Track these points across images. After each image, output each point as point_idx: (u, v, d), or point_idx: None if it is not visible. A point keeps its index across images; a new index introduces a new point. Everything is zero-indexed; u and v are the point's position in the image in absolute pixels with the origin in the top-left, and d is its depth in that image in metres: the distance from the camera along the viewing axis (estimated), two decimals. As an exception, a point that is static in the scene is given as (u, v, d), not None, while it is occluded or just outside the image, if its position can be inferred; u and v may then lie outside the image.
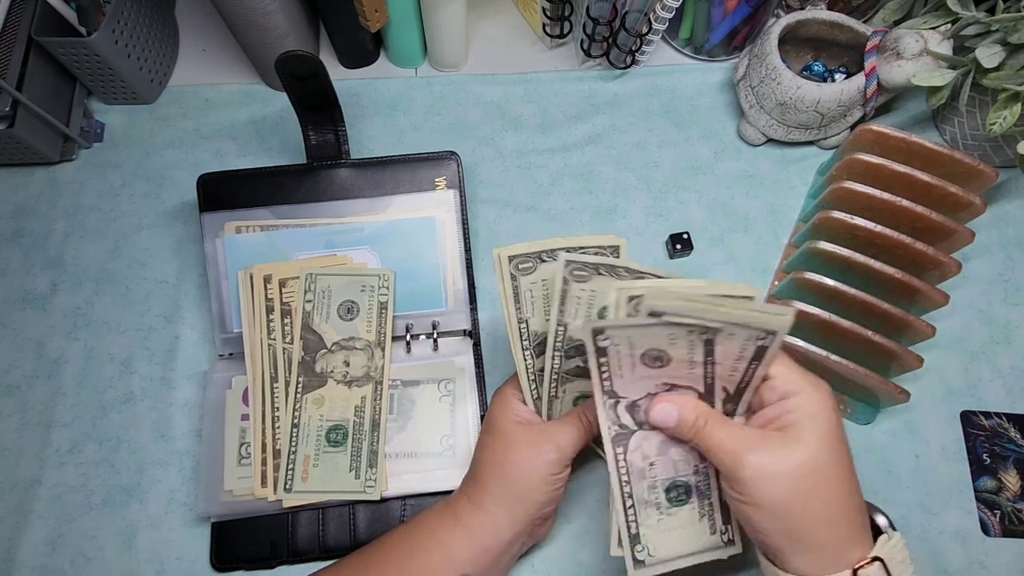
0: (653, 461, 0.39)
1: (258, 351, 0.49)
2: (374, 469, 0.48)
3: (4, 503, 0.49)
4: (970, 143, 0.58)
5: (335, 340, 0.49)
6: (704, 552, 0.40)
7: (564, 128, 0.62)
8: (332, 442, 0.48)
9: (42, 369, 0.52)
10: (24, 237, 0.56)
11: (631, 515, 0.38)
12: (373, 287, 0.50)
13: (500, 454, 0.41)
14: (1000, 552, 0.49)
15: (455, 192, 0.53)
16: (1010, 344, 0.55)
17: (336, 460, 0.48)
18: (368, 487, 0.47)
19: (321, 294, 0.49)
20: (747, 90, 0.59)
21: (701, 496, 0.40)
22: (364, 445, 0.48)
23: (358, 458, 0.48)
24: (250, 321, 0.49)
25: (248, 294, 0.50)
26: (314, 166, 0.53)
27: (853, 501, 0.33)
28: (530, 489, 0.41)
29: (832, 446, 0.33)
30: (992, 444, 0.52)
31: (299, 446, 0.48)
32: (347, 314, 0.49)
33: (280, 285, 0.50)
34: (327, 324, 0.49)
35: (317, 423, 0.48)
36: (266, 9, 0.52)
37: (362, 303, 0.49)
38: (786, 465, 0.32)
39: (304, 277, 0.49)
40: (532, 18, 0.64)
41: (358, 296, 0.49)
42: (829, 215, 0.50)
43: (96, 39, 0.52)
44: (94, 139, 0.60)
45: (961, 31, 0.51)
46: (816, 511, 0.32)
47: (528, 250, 0.42)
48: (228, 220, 0.52)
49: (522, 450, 0.41)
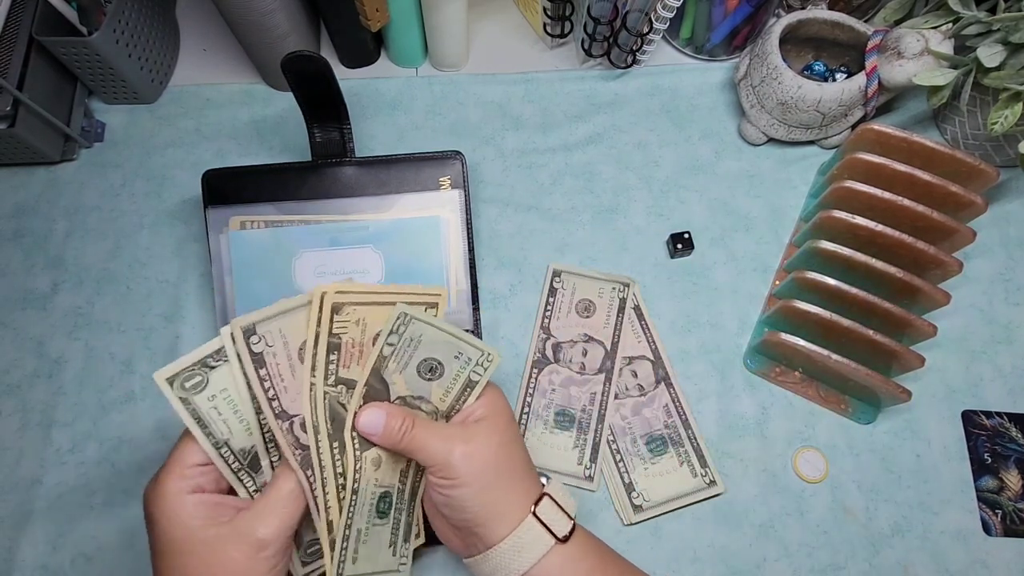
0: None
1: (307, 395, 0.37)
2: (408, 544, 0.42)
3: (4, 503, 0.49)
4: (971, 142, 0.58)
5: (401, 395, 0.40)
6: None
7: (565, 128, 0.62)
8: (380, 512, 0.40)
9: (43, 369, 0.52)
10: (25, 237, 0.56)
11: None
12: (470, 360, 0.40)
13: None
14: (1001, 552, 0.49)
15: (460, 192, 0.53)
16: (1011, 343, 0.55)
17: (380, 535, 0.40)
18: (402, 565, 0.41)
19: (408, 341, 0.39)
20: (748, 90, 0.59)
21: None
22: (403, 516, 0.41)
23: (397, 531, 0.41)
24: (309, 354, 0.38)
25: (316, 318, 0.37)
26: (319, 164, 0.53)
27: (527, 467, 0.41)
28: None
29: (510, 428, 0.41)
30: (993, 444, 0.52)
31: (355, 518, 0.38)
32: (428, 373, 0.40)
33: (333, 311, 0.38)
34: (400, 375, 0.40)
35: (372, 489, 0.39)
36: (267, 9, 0.52)
37: (449, 369, 0.40)
38: (483, 446, 0.39)
39: (397, 314, 0.38)
40: (533, 18, 0.64)
41: (449, 360, 0.40)
42: (830, 214, 0.50)
43: (97, 39, 0.52)
44: (95, 139, 0.60)
45: (962, 30, 0.51)
46: (505, 478, 0.39)
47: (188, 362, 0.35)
48: (233, 215, 0.52)
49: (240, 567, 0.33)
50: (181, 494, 0.34)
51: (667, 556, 0.48)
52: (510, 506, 0.39)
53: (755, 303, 0.56)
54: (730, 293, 0.56)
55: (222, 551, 0.33)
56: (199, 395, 0.35)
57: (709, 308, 0.56)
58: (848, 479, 0.51)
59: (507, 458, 0.39)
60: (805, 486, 0.50)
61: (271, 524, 0.34)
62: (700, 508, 0.50)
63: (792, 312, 0.49)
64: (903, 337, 0.50)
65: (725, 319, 0.55)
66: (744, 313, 0.56)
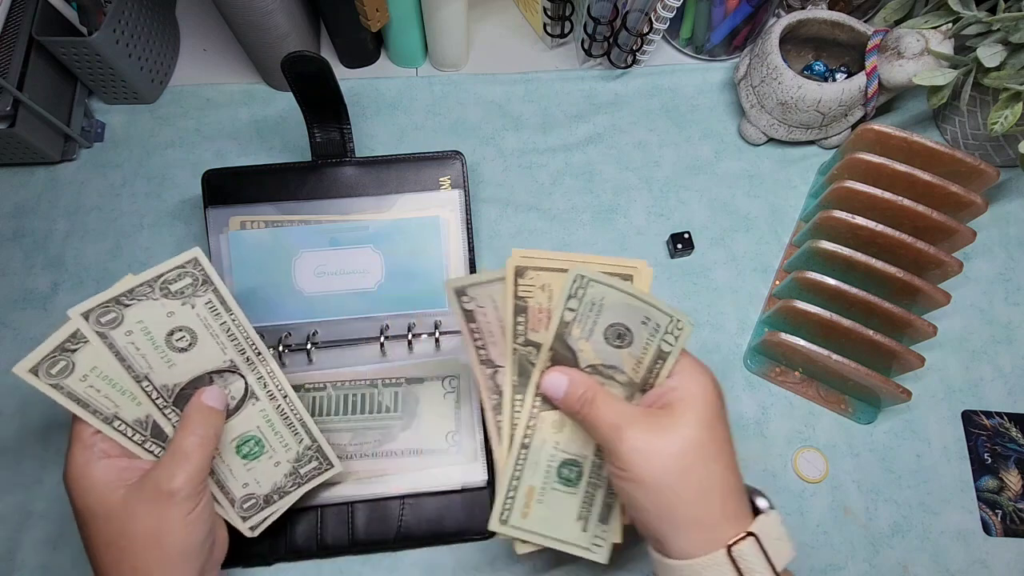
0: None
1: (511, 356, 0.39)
2: (606, 526, 0.40)
3: (5, 503, 0.49)
4: (971, 142, 0.58)
5: (592, 363, 0.38)
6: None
7: (565, 128, 0.62)
8: (564, 479, 0.40)
9: (43, 369, 0.52)
10: (25, 237, 0.56)
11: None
12: (659, 327, 0.36)
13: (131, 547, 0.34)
14: (1001, 552, 0.49)
15: (460, 192, 0.53)
16: (1011, 343, 0.55)
17: (564, 503, 0.40)
18: (596, 545, 0.40)
19: (590, 305, 0.37)
20: (748, 90, 0.59)
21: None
22: (599, 493, 0.40)
23: (589, 506, 0.40)
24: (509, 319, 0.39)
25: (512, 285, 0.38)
26: (319, 164, 0.53)
27: (729, 480, 0.33)
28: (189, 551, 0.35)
29: (711, 426, 0.33)
30: (993, 444, 0.52)
31: (524, 472, 0.39)
32: (616, 339, 0.37)
33: (516, 275, 0.38)
34: (586, 343, 0.38)
35: (551, 451, 0.39)
36: (267, 9, 0.52)
37: (639, 336, 0.37)
38: (665, 441, 0.33)
39: (573, 278, 0.36)
40: (533, 18, 0.64)
41: (637, 326, 0.37)
42: (830, 214, 0.50)
43: (97, 39, 0.52)
44: (95, 139, 0.60)
45: (962, 30, 0.51)
46: (691, 487, 0.32)
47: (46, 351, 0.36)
48: (233, 215, 0.52)
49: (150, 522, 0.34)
50: (89, 463, 0.35)
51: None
52: (698, 525, 0.32)
53: (755, 303, 0.56)
54: (730, 293, 0.56)
55: (133, 508, 0.34)
56: (69, 378, 0.36)
57: (709, 308, 0.56)
58: (848, 479, 0.51)
59: (700, 461, 0.33)
60: (805, 486, 0.50)
61: (177, 475, 0.35)
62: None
63: (792, 312, 0.49)
64: (903, 337, 0.50)
65: (725, 319, 0.55)
66: (744, 313, 0.56)
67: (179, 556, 0.35)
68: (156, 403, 0.39)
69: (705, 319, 0.55)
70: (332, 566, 0.48)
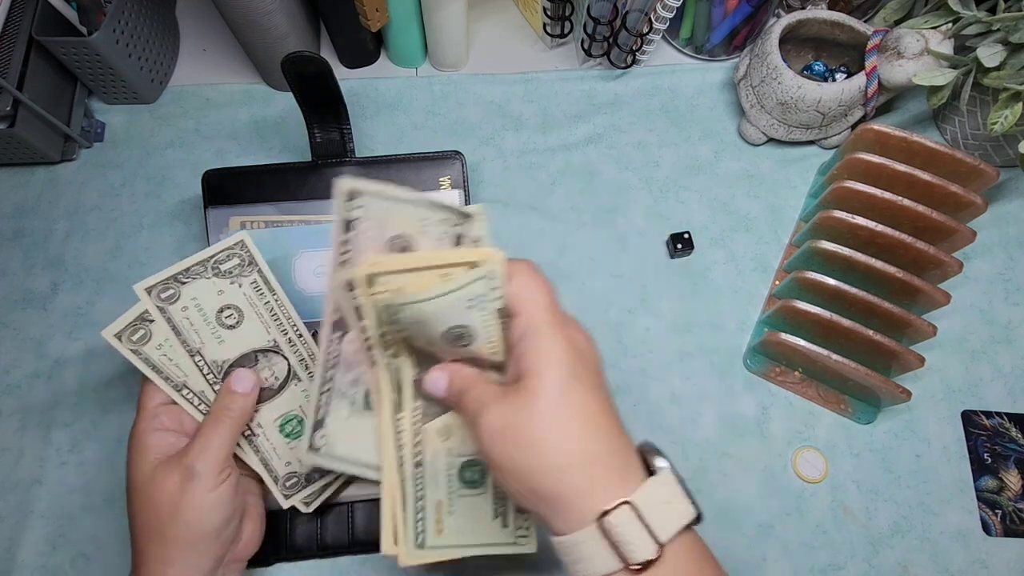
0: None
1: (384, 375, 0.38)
2: (527, 517, 0.38)
3: (5, 503, 0.49)
4: (971, 142, 0.58)
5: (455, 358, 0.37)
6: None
7: (565, 128, 0.62)
8: (468, 482, 0.38)
9: (43, 369, 0.52)
10: (25, 237, 0.56)
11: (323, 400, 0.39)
12: (482, 296, 0.32)
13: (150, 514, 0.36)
14: (1001, 552, 0.49)
15: (460, 192, 0.53)
16: (1011, 343, 0.55)
17: (475, 505, 0.38)
18: (521, 537, 0.39)
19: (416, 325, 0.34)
20: (748, 90, 0.59)
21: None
22: None
23: (503, 501, 0.39)
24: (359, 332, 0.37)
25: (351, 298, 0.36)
26: (319, 164, 0.53)
27: (599, 445, 0.29)
28: (206, 530, 0.36)
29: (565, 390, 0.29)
30: (993, 444, 0.52)
31: (427, 489, 0.38)
32: (458, 340, 0.34)
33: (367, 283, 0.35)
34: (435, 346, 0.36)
35: (445, 459, 0.38)
36: (267, 9, 0.52)
37: (475, 323, 0.33)
38: (516, 418, 0.29)
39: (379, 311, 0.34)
40: (533, 18, 0.64)
41: (466, 317, 0.33)
42: (830, 214, 0.50)
43: (97, 39, 0.52)
44: (95, 139, 0.60)
45: (962, 30, 0.51)
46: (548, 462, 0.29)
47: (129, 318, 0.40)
48: (233, 215, 0.52)
49: (171, 495, 0.36)
50: (146, 432, 0.38)
51: (667, 556, 0.48)
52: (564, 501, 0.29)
53: (755, 303, 0.56)
54: (730, 293, 0.56)
55: (160, 480, 0.36)
56: (147, 346, 0.40)
57: (709, 308, 0.56)
58: (848, 479, 0.51)
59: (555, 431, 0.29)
60: (805, 486, 0.50)
61: (198, 453, 0.37)
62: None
63: (792, 312, 0.49)
64: (903, 337, 0.50)
65: (725, 319, 0.55)
66: (744, 313, 0.56)
67: (197, 535, 0.36)
68: (207, 378, 0.42)
69: (705, 319, 0.55)
70: (332, 566, 0.48)
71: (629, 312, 0.55)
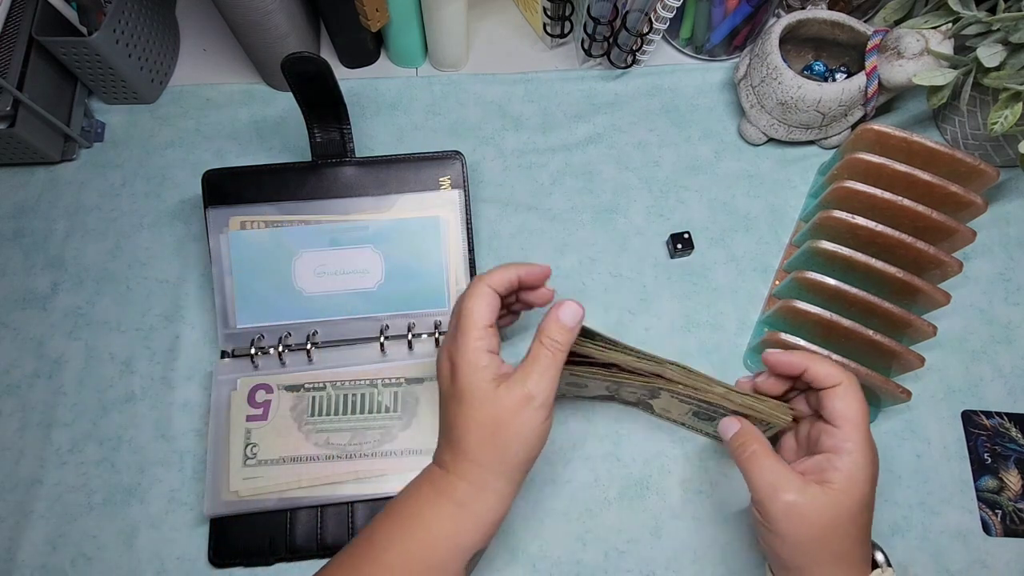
0: None
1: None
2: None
3: (5, 502, 0.49)
4: (971, 142, 0.58)
5: None
6: None
7: (565, 128, 0.62)
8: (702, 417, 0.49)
9: (43, 369, 0.52)
10: (25, 237, 0.56)
11: None
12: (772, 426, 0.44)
13: (489, 426, 0.38)
14: (1001, 552, 0.49)
15: (460, 192, 0.53)
16: (1011, 343, 0.55)
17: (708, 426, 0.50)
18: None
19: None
20: (748, 90, 0.59)
21: None
22: None
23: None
24: None
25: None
26: (319, 164, 0.53)
27: (861, 544, 0.38)
28: (530, 450, 0.39)
29: (862, 508, 0.37)
30: (993, 443, 0.52)
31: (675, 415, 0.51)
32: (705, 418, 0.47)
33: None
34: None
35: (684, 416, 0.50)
36: (267, 9, 0.52)
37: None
38: (815, 514, 0.37)
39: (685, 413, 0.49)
40: (533, 18, 0.64)
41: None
42: (830, 214, 0.50)
43: (97, 39, 0.52)
44: (95, 139, 0.60)
45: (962, 30, 0.51)
46: (829, 551, 0.37)
47: None
48: (233, 215, 0.52)
49: (511, 414, 0.38)
50: (479, 350, 0.38)
51: (667, 556, 0.48)
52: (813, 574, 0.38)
53: (755, 303, 0.56)
54: (730, 293, 0.56)
55: (504, 399, 0.37)
56: None
57: (709, 308, 0.56)
58: (848, 479, 0.51)
59: (840, 535, 0.37)
60: (805, 486, 0.50)
61: (537, 384, 0.38)
62: (700, 508, 0.50)
63: (792, 312, 0.49)
64: (903, 337, 0.50)
65: (725, 319, 0.55)
66: (744, 313, 0.56)
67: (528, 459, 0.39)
68: None
69: (705, 319, 0.55)
70: (332, 566, 0.48)
71: (629, 312, 0.55)
